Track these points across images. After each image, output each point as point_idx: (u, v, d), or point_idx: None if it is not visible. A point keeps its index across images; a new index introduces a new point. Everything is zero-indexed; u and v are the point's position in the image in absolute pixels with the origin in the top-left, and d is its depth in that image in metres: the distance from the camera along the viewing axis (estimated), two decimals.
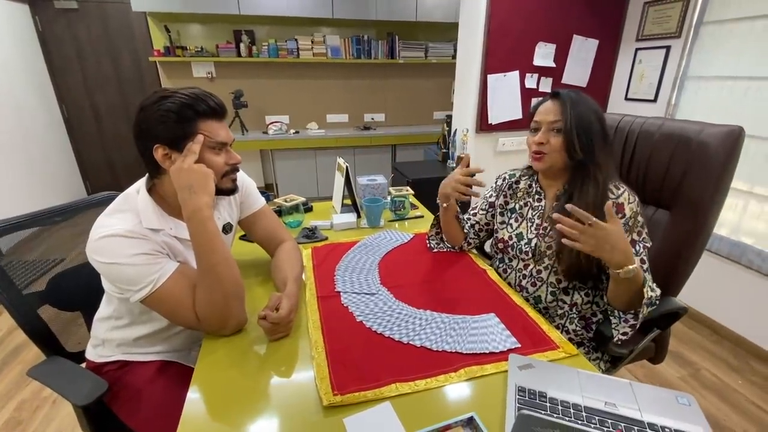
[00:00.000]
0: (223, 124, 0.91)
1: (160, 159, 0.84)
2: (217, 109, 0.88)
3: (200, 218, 0.80)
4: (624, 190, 0.98)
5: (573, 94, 0.98)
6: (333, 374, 0.75)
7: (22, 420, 1.59)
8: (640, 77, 2.39)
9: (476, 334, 0.86)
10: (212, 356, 0.82)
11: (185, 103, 0.83)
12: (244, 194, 1.11)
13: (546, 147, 0.99)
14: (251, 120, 4.05)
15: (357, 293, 1.02)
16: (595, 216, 0.80)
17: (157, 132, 0.83)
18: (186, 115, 0.83)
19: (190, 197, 0.80)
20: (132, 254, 0.80)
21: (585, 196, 0.95)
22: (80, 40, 3.58)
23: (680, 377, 1.80)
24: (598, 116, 0.97)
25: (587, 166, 0.97)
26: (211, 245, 0.81)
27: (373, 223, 1.46)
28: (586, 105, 0.97)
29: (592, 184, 0.96)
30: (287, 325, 0.85)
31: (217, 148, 0.89)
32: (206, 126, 0.86)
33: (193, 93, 0.86)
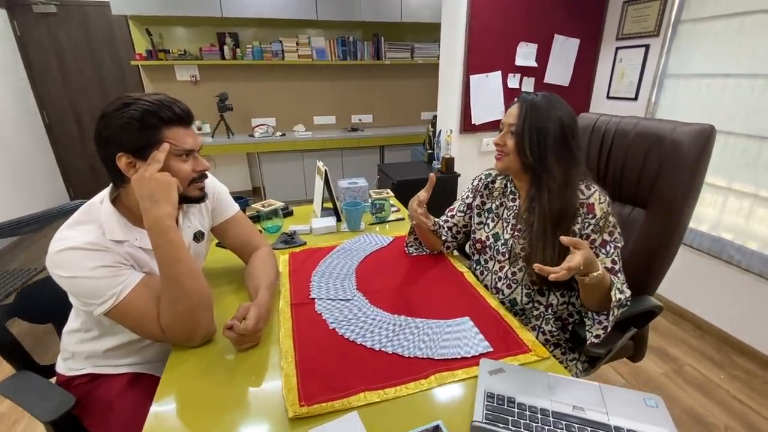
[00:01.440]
0: (190, 130, 0.89)
1: (124, 168, 0.82)
2: (182, 115, 0.86)
3: (161, 228, 0.78)
4: (595, 190, 0.98)
5: (538, 98, 0.97)
6: (301, 384, 0.74)
7: None
8: (621, 76, 2.40)
9: (449, 339, 0.86)
10: (179, 368, 0.80)
11: (149, 110, 0.81)
12: (215, 201, 1.10)
13: (504, 148, 1.01)
14: (237, 123, 4.02)
15: (332, 299, 1.01)
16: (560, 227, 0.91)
17: (120, 140, 0.81)
18: (150, 123, 0.81)
19: (152, 207, 0.78)
20: (93, 267, 0.78)
21: (542, 202, 0.97)
22: (60, 45, 3.53)
23: (663, 373, 1.81)
24: (561, 123, 0.95)
25: (539, 172, 0.98)
26: (173, 256, 0.79)
27: (353, 227, 1.45)
28: (547, 111, 0.96)
29: (546, 190, 0.97)
30: (255, 335, 0.84)
31: (184, 155, 0.87)
32: (171, 133, 0.84)
33: (158, 99, 0.84)
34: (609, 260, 0.96)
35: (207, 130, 3.98)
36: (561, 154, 0.96)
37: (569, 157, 0.97)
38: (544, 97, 0.98)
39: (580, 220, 0.97)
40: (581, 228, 0.97)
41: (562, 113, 0.97)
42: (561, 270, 0.75)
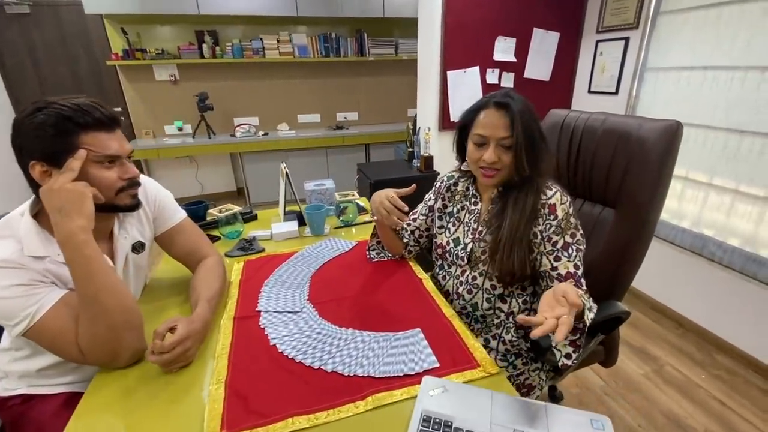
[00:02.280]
0: (115, 135, 0.83)
1: (38, 177, 0.76)
2: (103, 119, 0.80)
3: (74, 244, 0.72)
4: (556, 191, 0.94)
5: (519, 104, 0.90)
6: (227, 409, 0.68)
7: None
8: (602, 70, 2.35)
9: (395, 354, 0.81)
10: (102, 391, 0.75)
11: (63, 114, 0.76)
12: (157, 209, 1.04)
13: (498, 164, 0.92)
14: (219, 123, 3.95)
15: (279, 312, 0.96)
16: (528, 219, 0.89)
17: (33, 147, 0.76)
18: (65, 128, 0.76)
19: (62, 220, 0.72)
20: (6, 286, 0.73)
21: (522, 204, 0.92)
22: (35, 46, 3.44)
23: (643, 374, 1.78)
24: (538, 125, 0.92)
25: (532, 179, 0.93)
26: (89, 272, 0.74)
27: (317, 232, 1.39)
28: (529, 115, 0.90)
29: (533, 192, 0.92)
30: (185, 354, 0.78)
31: (107, 162, 0.81)
32: (90, 139, 0.78)
33: (76, 104, 0.78)
34: (572, 264, 0.91)
35: (188, 131, 3.91)
36: (545, 156, 0.93)
37: (550, 154, 0.96)
38: (518, 97, 0.92)
39: (542, 222, 0.92)
40: (543, 230, 0.93)
41: (534, 110, 0.92)
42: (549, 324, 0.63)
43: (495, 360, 1.01)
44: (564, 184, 1.35)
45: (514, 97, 0.92)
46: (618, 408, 1.60)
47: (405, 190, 1.05)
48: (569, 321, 0.63)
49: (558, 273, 0.91)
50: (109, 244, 0.94)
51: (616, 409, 1.59)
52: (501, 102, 0.90)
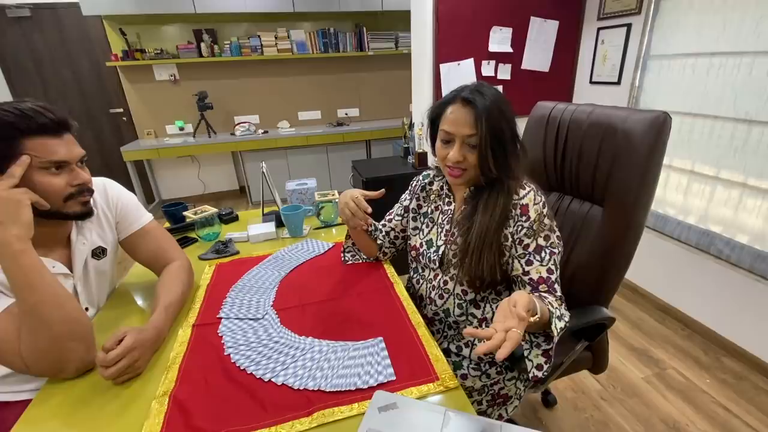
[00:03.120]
0: (64, 140, 0.80)
1: None
2: (49, 124, 0.77)
3: (10, 253, 0.70)
4: (529, 190, 0.88)
5: (487, 100, 0.83)
6: (167, 424, 0.65)
7: None
8: (603, 59, 2.24)
9: (351, 365, 0.76)
10: (47, 403, 0.73)
11: (5, 120, 0.74)
12: (120, 213, 1.01)
13: (463, 164, 0.87)
14: (220, 121, 3.95)
15: (240, 319, 0.93)
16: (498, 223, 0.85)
17: None
18: (6, 134, 0.74)
19: None
20: None
21: (492, 206, 0.87)
22: (37, 49, 3.49)
23: (644, 378, 1.69)
24: (509, 119, 0.85)
25: (502, 179, 0.88)
26: (27, 283, 0.71)
27: (295, 233, 1.36)
28: (498, 112, 0.83)
29: (504, 193, 0.87)
30: (131, 365, 0.75)
31: (53, 168, 0.78)
32: (35, 144, 0.76)
33: (20, 108, 0.76)
34: (544, 269, 0.84)
35: (189, 130, 3.92)
36: (514, 156, 0.87)
37: (523, 154, 0.90)
38: (489, 92, 0.85)
39: (512, 223, 0.87)
40: (513, 232, 0.87)
41: (504, 110, 0.85)
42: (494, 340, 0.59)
43: (468, 369, 0.96)
44: (551, 181, 1.29)
45: (484, 92, 0.85)
46: (614, 413, 1.52)
47: (373, 193, 1.00)
48: (516, 336, 0.58)
49: (530, 278, 0.85)
50: (67, 250, 0.92)
51: (613, 414, 1.52)
52: (467, 98, 0.84)
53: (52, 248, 0.89)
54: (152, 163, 4.06)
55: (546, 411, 1.57)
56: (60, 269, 0.88)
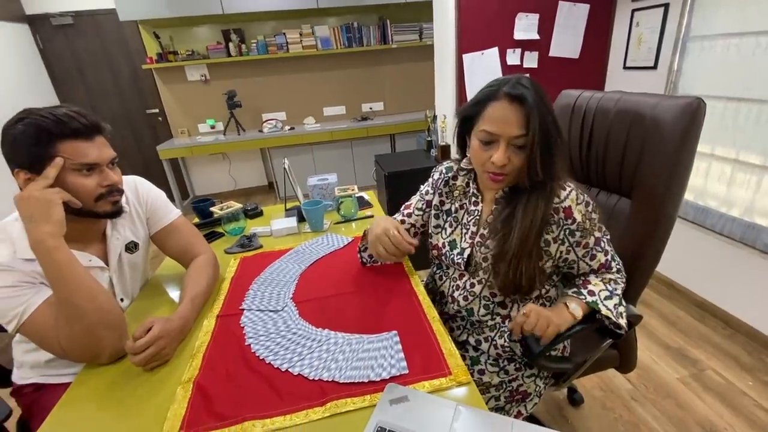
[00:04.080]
0: (95, 143, 0.86)
1: (22, 184, 0.81)
2: (81, 128, 0.83)
3: (44, 249, 0.76)
4: (570, 190, 0.82)
5: (535, 95, 0.75)
6: (190, 410, 0.69)
7: None
8: (639, 42, 2.12)
9: (365, 357, 0.78)
10: (84, 386, 0.79)
11: (40, 124, 0.80)
12: (150, 209, 1.07)
13: (506, 168, 0.79)
14: (248, 119, 4.05)
15: (261, 311, 0.96)
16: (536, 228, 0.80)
17: (15, 156, 0.80)
18: (42, 138, 0.79)
19: (31, 228, 0.76)
20: None
21: (532, 210, 0.81)
22: (79, 54, 3.70)
23: (680, 378, 1.61)
24: (554, 118, 0.78)
25: (546, 183, 0.81)
26: (61, 277, 0.77)
27: (316, 227, 1.38)
28: (546, 108, 0.76)
29: (545, 196, 0.81)
30: (159, 353, 0.80)
31: (85, 169, 0.84)
32: (68, 147, 0.81)
33: (55, 114, 0.81)
34: (602, 254, 0.87)
35: (220, 128, 4.06)
36: (561, 155, 0.80)
37: (564, 155, 0.86)
38: (534, 88, 0.77)
39: (556, 228, 0.83)
40: (557, 236, 0.84)
41: (550, 107, 0.78)
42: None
43: (485, 364, 0.95)
44: (577, 172, 1.24)
45: (527, 85, 0.77)
46: (646, 414, 1.46)
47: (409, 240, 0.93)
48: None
49: (592, 268, 0.88)
50: (102, 245, 0.98)
51: (644, 415, 1.46)
52: (514, 93, 0.76)
53: (89, 243, 0.95)
54: (186, 160, 4.24)
55: (572, 409, 1.53)
56: (96, 263, 0.95)
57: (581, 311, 0.84)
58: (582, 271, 0.90)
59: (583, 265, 0.88)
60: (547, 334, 0.78)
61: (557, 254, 0.86)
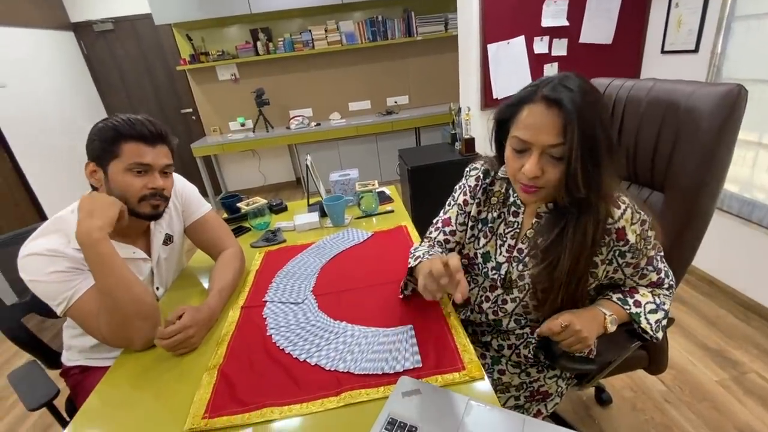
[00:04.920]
0: (155, 149, 0.92)
1: (88, 174, 0.91)
2: (145, 133, 0.90)
3: (90, 242, 0.82)
4: (625, 208, 0.73)
5: (578, 99, 0.64)
6: (215, 395, 0.73)
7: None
8: (678, 24, 1.99)
9: (380, 350, 0.79)
10: (121, 369, 0.85)
11: (114, 124, 0.89)
12: (184, 203, 1.13)
13: (541, 181, 0.70)
14: (277, 116, 4.15)
15: (283, 303, 1.00)
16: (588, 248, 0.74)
17: (90, 149, 0.90)
18: (108, 135, 0.88)
19: (84, 220, 0.83)
20: (49, 272, 0.85)
21: (582, 234, 0.72)
22: (119, 58, 3.91)
23: (718, 381, 1.53)
24: (605, 126, 0.67)
25: (590, 199, 0.70)
26: (104, 268, 0.83)
27: (337, 222, 1.41)
28: (593, 113, 0.65)
29: (594, 218, 0.71)
30: (189, 340, 0.85)
31: (138, 170, 0.91)
32: (131, 147, 0.89)
33: (127, 118, 0.90)
34: (654, 273, 0.82)
35: (249, 126, 4.18)
36: (610, 170, 0.68)
37: (614, 169, 0.70)
38: (579, 87, 0.66)
39: (605, 250, 0.76)
40: (605, 258, 0.78)
41: (601, 111, 0.67)
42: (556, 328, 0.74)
43: (506, 365, 0.94)
44: None
45: (572, 87, 0.65)
46: (680, 417, 1.40)
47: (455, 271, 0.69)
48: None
49: (641, 287, 0.84)
50: (145, 239, 1.05)
51: (678, 418, 1.40)
52: (551, 96, 0.65)
53: (135, 238, 1.03)
54: (218, 157, 4.40)
55: (600, 409, 1.49)
56: (139, 255, 1.03)
57: (616, 324, 0.79)
58: (628, 286, 0.85)
59: (630, 282, 0.84)
60: (572, 349, 0.76)
61: (603, 274, 0.80)
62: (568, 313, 0.78)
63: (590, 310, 0.80)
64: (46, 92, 3.31)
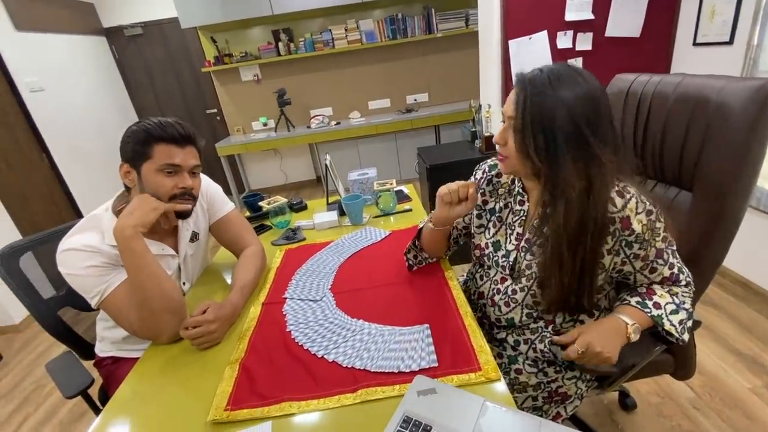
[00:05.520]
0: (184, 150, 0.96)
1: (122, 175, 0.96)
2: (175, 135, 0.94)
3: (123, 237, 0.87)
4: (630, 197, 0.75)
5: (540, 77, 0.72)
6: (237, 388, 0.76)
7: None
8: (711, 15, 1.90)
9: (396, 349, 0.80)
10: (150, 360, 0.89)
11: (146, 127, 0.93)
12: (209, 201, 1.17)
13: (505, 149, 0.79)
14: (298, 116, 4.21)
15: (302, 300, 1.02)
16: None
17: (124, 151, 0.95)
18: (141, 137, 0.93)
19: (124, 217, 0.88)
20: (85, 266, 0.91)
21: (556, 215, 0.75)
22: (148, 62, 4.06)
23: (751, 388, 1.46)
24: (568, 110, 0.70)
25: (552, 178, 0.75)
26: (136, 263, 0.88)
27: (355, 221, 1.42)
28: (553, 94, 0.70)
29: (562, 200, 0.74)
30: (211, 334, 0.88)
31: (168, 170, 0.95)
32: (162, 149, 0.93)
33: (159, 121, 0.94)
34: (666, 267, 0.80)
35: (271, 125, 4.26)
36: (577, 155, 0.72)
37: (588, 157, 0.72)
38: (550, 74, 0.72)
39: (611, 239, 0.76)
40: (611, 248, 0.77)
41: (570, 96, 0.71)
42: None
43: (523, 364, 0.93)
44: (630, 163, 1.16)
45: (544, 69, 0.73)
46: (709, 425, 1.35)
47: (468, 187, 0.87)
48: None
49: (652, 282, 0.82)
50: (174, 236, 1.10)
51: (706, 425, 1.34)
52: (519, 76, 0.76)
53: (164, 235, 1.08)
54: (242, 156, 4.50)
55: (624, 414, 1.45)
56: (168, 251, 1.07)
57: (639, 332, 0.77)
58: (640, 283, 0.84)
59: (641, 277, 0.82)
60: (599, 369, 0.77)
61: (611, 266, 0.80)
62: (584, 332, 0.78)
63: (610, 321, 0.79)
64: (81, 95, 3.48)
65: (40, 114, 2.98)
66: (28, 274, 1.17)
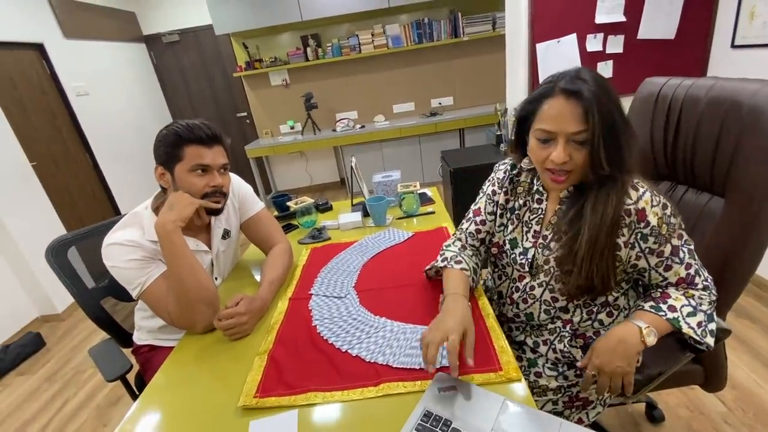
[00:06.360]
0: (212, 150, 1.02)
1: (157, 177, 1.02)
2: (203, 136, 0.99)
3: (165, 231, 0.93)
4: (644, 191, 0.77)
5: (592, 86, 0.72)
6: (265, 377, 0.80)
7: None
8: (751, 16, 1.83)
9: (417, 347, 0.82)
10: (185, 349, 0.95)
11: (176, 130, 0.99)
12: (240, 201, 1.23)
13: (568, 165, 0.76)
14: (324, 119, 4.29)
15: (327, 296, 1.05)
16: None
17: (157, 153, 1.01)
18: (171, 140, 0.99)
19: (165, 212, 0.94)
20: (127, 260, 0.97)
21: (603, 206, 0.75)
22: (184, 68, 4.25)
23: None
24: (619, 109, 0.74)
25: (614, 177, 0.76)
26: (175, 256, 0.94)
27: (379, 222, 1.45)
28: (608, 98, 0.72)
29: (616, 192, 0.75)
30: (242, 326, 0.93)
31: (199, 170, 1.00)
32: (192, 150, 0.99)
33: (188, 123, 1.00)
34: (682, 267, 0.79)
35: (298, 129, 4.36)
36: (629, 146, 0.75)
37: (635, 142, 0.76)
38: (590, 76, 0.73)
39: (627, 232, 0.77)
40: (627, 240, 0.78)
41: (612, 88, 0.74)
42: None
43: (543, 368, 0.93)
44: (660, 168, 1.14)
45: (586, 78, 0.73)
46: None
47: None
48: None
49: (668, 282, 0.81)
50: (207, 233, 1.16)
51: None
52: (569, 89, 0.72)
53: (198, 232, 1.14)
54: (270, 158, 4.64)
55: (651, 426, 1.41)
56: (201, 247, 1.13)
57: (656, 336, 0.76)
58: (654, 282, 0.83)
59: (655, 275, 0.81)
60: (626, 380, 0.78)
61: (627, 259, 0.80)
62: (594, 355, 0.79)
63: (621, 329, 0.78)
64: (121, 99, 3.69)
65: (84, 117, 3.18)
66: (74, 266, 1.26)
